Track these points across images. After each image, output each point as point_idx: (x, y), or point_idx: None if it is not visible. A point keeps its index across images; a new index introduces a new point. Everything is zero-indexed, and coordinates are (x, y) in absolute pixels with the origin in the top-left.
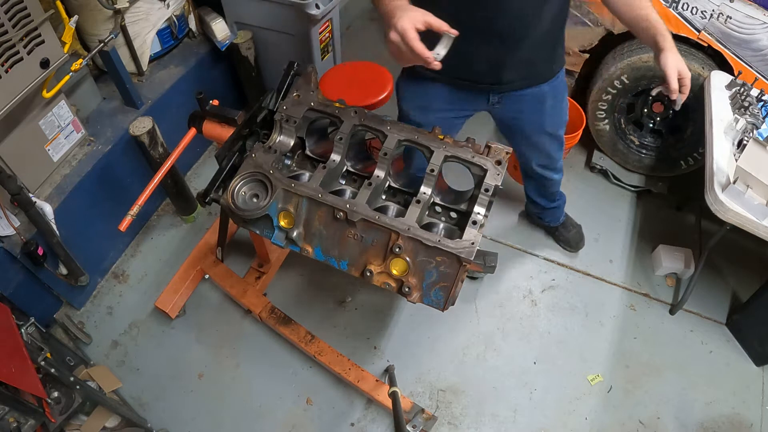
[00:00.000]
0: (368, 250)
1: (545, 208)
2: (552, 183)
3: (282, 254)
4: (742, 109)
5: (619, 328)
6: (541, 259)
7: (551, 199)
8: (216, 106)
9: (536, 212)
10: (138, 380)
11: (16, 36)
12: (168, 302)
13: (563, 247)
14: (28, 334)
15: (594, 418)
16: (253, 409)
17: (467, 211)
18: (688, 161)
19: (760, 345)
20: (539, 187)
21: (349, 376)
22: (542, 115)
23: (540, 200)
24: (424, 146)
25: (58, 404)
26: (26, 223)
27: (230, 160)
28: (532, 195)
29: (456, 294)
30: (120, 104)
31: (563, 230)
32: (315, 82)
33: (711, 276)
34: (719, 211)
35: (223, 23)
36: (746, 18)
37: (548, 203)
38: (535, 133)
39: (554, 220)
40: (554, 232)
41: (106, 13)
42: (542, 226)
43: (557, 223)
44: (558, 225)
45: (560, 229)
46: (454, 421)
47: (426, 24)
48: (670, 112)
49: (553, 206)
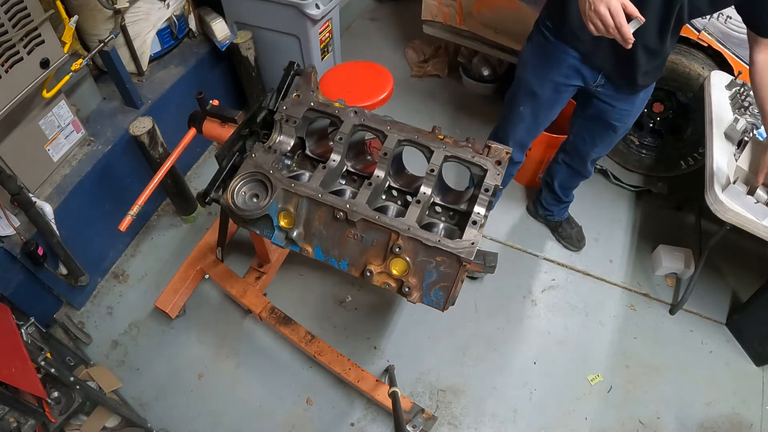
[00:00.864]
0: (368, 250)
1: (560, 201)
2: (583, 178)
3: (282, 254)
4: (742, 109)
5: (619, 328)
6: (541, 259)
7: (567, 194)
8: (216, 106)
9: (550, 203)
10: (138, 380)
11: (16, 36)
12: (168, 302)
13: (565, 244)
14: (28, 334)
15: (594, 418)
16: (253, 409)
17: (467, 211)
18: (688, 161)
19: (760, 345)
20: (570, 179)
21: (349, 376)
22: (632, 108)
23: (560, 192)
24: (424, 146)
25: (58, 404)
26: (26, 223)
27: (230, 160)
28: (556, 186)
29: (456, 294)
30: (120, 104)
31: (567, 226)
32: (315, 82)
33: (711, 276)
34: (719, 211)
35: (223, 23)
36: None
37: (565, 197)
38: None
39: (561, 213)
40: (558, 228)
41: (106, 13)
42: (546, 221)
43: (562, 216)
44: (562, 220)
45: (564, 224)
46: (454, 421)
47: (624, 5)
48: (670, 112)
49: (566, 201)
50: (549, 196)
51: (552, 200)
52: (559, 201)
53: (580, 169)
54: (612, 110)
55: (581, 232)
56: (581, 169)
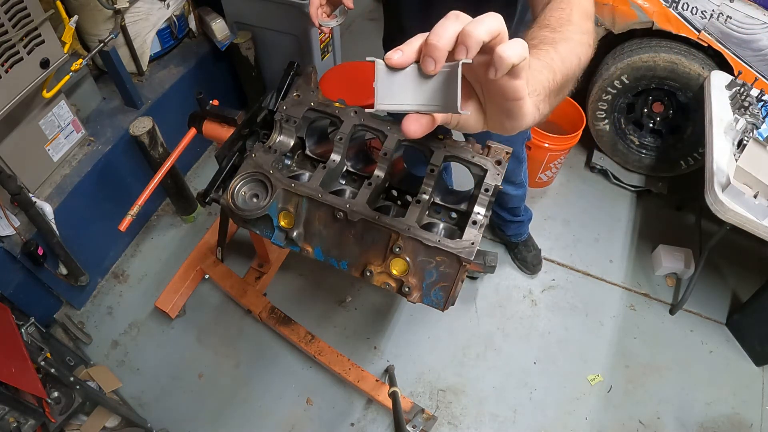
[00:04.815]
0: (368, 250)
1: (507, 221)
2: (511, 198)
3: (282, 254)
4: (742, 109)
5: (619, 328)
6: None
7: (514, 213)
8: (216, 106)
9: (498, 223)
10: (138, 380)
11: (16, 36)
12: (168, 302)
13: (519, 266)
14: (28, 334)
15: (594, 418)
16: (253, 409)
17: (467, 211)
18: (688, 161)
19: (760, 345)
20: (498, 199)
21: (349, 376)
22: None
23: (501, 212)
24: (424, 146)
25: (58, 404)
26: (26, 223)
27: (230, 160)
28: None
29: (456, 294)
30: (120, 104)
31: (523, 248)
32: (315, 82)
33: (711, 276)
34: (719, 211)
35: (223, 23)
36: (746, 18)
37: (510, 216)
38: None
39: (516, 235)
40: (513, 248)
41: (106, 13)
42: (503, 240)
43: (519, 239)
44: (519, 242)
45: (520, 246)
46: (454, 421)
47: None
48: (670, 112)
49: (516, 220)
50: (493, 215)
51: (498, 220)
52: (504, 220)
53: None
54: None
55: (538, 256)
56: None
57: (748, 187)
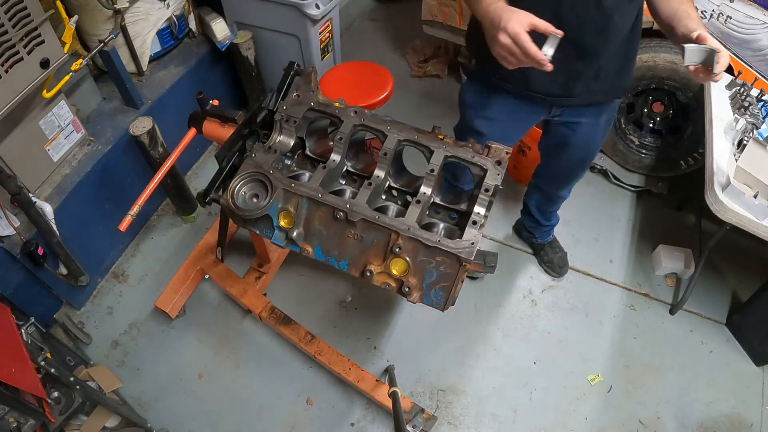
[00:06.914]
0: (368, 250)
1: (540, 224)
2: (559, 202)
3: (282, 254)
4: (742, 109)
5: (619, 328)
6: None
7: (548, 217)
8: (216, 106)
9: (530, 226)
10: (138, 380)
11: (16, 36)
12: (168, 302)
13: (546, 269)
14: (28, 334)
15: (594, 418)
16: (253, 409)
17: (467, 211)
18: (688, 161)
19: (760, 345)
20: (544, 202)
21: (349, 376)
22: (596, 130)
23: (538, 215)
24: (424, 146)
25: (58, 404)
26: (26, 223)
27: (230, 160)
28: (533, 208)
29: (456, 294)
30: (120, 104)
31: (549, 250)
32: (315, 82)
33: (711, 276)
34: (719, 211)
35: (223, 23)
36: (746, 18)
37: (545, 220)
38: (578, 150)
39: (543, 236)
40: (540, 251)
41: (106, 13)
42: (530, 243)
43: (545, 239)
44: (545, 243)
45: (546, 248)
46: (454, 421)
47: (531, 26)
48: (670, 112)
49: (548, 224)
50: (528, 218)
51: (531, 223)
52: (538, 223)
53: (552, 194)
54: (573, 135)
55: (565, 258)
56: (553, 194)
57: (748, 187)
